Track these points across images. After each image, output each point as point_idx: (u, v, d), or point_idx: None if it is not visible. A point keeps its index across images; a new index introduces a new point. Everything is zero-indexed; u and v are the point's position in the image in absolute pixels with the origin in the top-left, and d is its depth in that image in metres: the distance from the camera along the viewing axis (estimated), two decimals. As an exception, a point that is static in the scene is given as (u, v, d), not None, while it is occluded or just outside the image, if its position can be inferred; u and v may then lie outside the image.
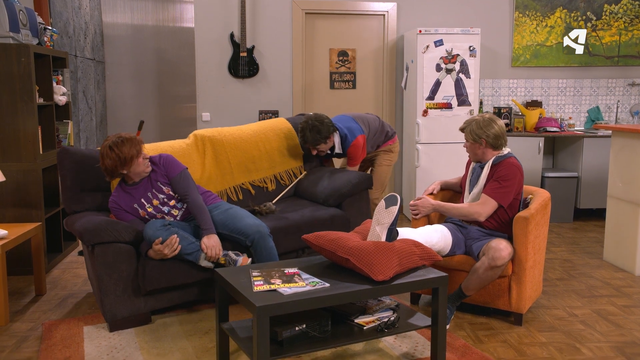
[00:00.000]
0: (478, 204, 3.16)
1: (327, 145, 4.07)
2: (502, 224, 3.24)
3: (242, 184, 3.93)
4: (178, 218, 3.30)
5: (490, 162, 3.25)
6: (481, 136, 3.21)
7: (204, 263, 3.11)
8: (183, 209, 3.31)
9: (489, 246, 3.02)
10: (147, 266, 3.08)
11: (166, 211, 3.26)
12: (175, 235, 3.04)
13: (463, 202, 3.37)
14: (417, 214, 3.35)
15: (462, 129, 3.31)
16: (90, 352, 2.85)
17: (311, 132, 3.95)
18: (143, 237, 3.08)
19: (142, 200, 3.22)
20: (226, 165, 3.88)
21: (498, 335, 3.09)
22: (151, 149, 3.69)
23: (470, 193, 3.31)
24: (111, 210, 3.26)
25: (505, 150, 3.28)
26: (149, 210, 3.23)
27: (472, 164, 3.37)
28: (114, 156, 3.07)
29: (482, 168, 3.29)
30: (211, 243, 3.10)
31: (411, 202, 3.38)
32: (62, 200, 3.49)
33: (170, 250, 3.03)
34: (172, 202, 3.27)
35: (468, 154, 3.36)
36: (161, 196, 3.24)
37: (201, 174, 3.80)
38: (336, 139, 4.13)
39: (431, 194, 3.54)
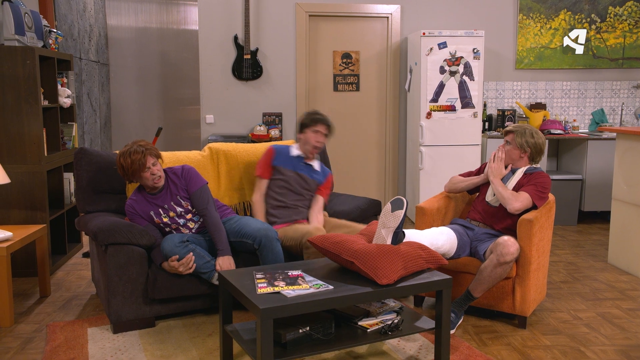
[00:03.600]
0: (518, 195, 3.18)
1: (326, 140, 3.69)
2: (512, 227, 3.25)
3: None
4: (193, 231, 3.32)
5: (524, 169, 3.32)
6: (529, 145, 3.29)
7: (216, 282, 3.14)
8: (199, 223, 3.32)
9: (497, 243, 3.03)
10: (158, 276, 3.10)
11: (182, 223, 3.27)
12: (192, 254, 3.07)
13: (484, 200, 3.38)
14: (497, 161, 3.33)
15: (508, 132, 3.33)
16: (94, 353, 2.85)
17: (323, 115, 3.66)
18: (161, 249, 3.10)
19: (160, 210, 3.24)
20: (237, 181, 3.91)
21: (502, 338, 3.08)
22: (168, 157, 3.71)
23: (494, 195, 3.32)
24: (126, 213, 3.28)
25: (538, 164, 3.38)
26: (165, 220, 3.24)
27: None
28: (120, 166, 3.13)
29: (512, 173, 3.33)
30: (226, 264, 3.13)
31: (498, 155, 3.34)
32: (76, 200, 3.51)
33: (185, 269, 3.07)
34: (189, 216, 3.28)
35: (499, 156, 3.37)
36: (179, 209, 3.25)
37: (216, 186, 3.85)
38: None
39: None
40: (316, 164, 3.73)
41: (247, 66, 5.90)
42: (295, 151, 3.70)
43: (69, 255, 4.54)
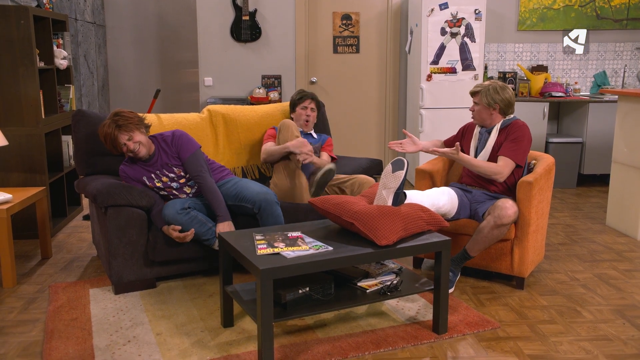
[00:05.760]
0: (499, 165, 3.16)
1: (315, 114, 3.92)
2: (507, 187, 3.25)
3: (251, 165, 3.94)
4: (191, 195, 3.29)
5: (498, 126, 3.27)
6: (496, 101, 3.23)
7: (217, 248, 3.15)
8: (195, 187, 3.28)
9: (495, 205, 3.04)
10: (158, 239, 3.11)
11: (175, 187, 3.24)
12: (193, 232, 3.06)
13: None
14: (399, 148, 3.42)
15: (473, 92, 3.29)
16: (96, 313, 2.89)
17: (308, 91, 3.96)
18: (162, 215, 3.10)
19: (152, 175, 3.21)
20: (237, 144, 3.89)
21: (500, 298, 3.11)
22: (166, 119, 3.68)
23: (477, 158, 3.30)
24: (121, 178, 3.26)
25: (511, 115, 3.29)
26: (158, 184, 3.22)
27: (477, 129, 3.36)
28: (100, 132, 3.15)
29: (489, 133, 3.29)
30: (226, 230, 3.12)
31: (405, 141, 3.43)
32: (75, 163, 3.50)
33: (179, 241, 3.09)
34: (182, 181, 3.24)
35: (473, 118, 3.34)
36: (171, 175, 3.22)
37: (214, 149, 3.83)
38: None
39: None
40: (314, 134, 3.96)
41: (245, 28, 5.81)
42: None
43: (69, 218, 4.56)
